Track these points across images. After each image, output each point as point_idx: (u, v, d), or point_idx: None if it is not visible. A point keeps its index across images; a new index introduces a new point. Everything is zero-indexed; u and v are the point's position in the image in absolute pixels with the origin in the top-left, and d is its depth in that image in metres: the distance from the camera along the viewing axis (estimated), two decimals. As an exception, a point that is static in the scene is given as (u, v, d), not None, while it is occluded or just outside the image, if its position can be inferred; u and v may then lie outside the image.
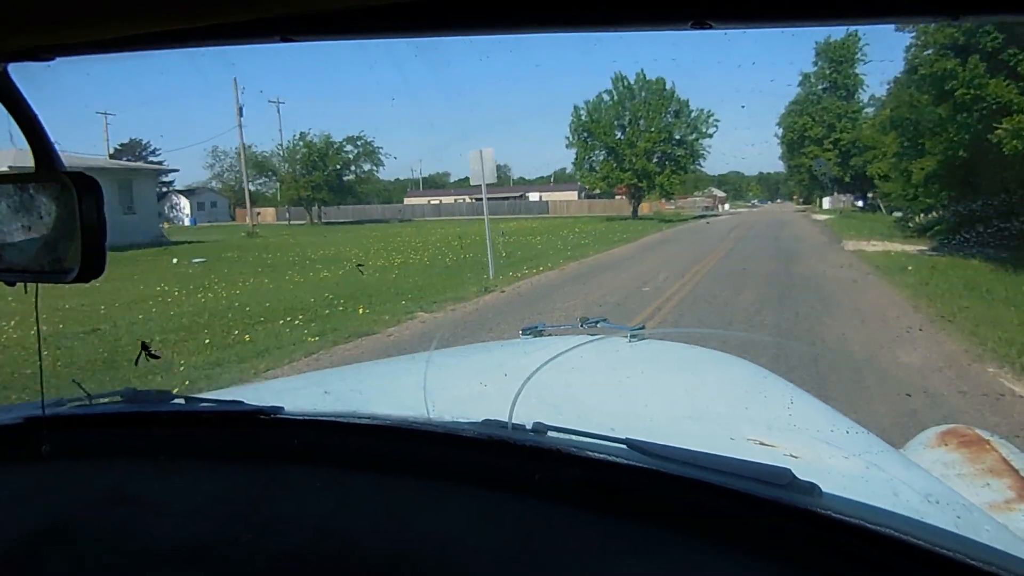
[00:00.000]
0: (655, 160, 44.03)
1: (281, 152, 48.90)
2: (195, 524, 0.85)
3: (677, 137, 44.64)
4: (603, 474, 0.86)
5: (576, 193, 49.62)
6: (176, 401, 1.19)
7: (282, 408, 1.08)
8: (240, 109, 41.64)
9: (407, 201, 69.27)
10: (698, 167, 45.73)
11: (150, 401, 1.19)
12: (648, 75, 43.11)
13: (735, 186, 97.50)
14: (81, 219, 0.69)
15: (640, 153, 43.47)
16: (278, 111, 54.67)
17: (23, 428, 1.08)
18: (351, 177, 49.86)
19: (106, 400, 1.21)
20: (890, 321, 8.55)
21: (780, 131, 54.95)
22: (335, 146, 49.18)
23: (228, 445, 1.08)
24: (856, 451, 1.27)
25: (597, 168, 45.42)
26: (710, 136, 44.66)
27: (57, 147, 0.72)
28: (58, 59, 0.62)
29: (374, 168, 50.63)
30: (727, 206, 73.61)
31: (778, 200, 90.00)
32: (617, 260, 17.04)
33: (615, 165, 44.40)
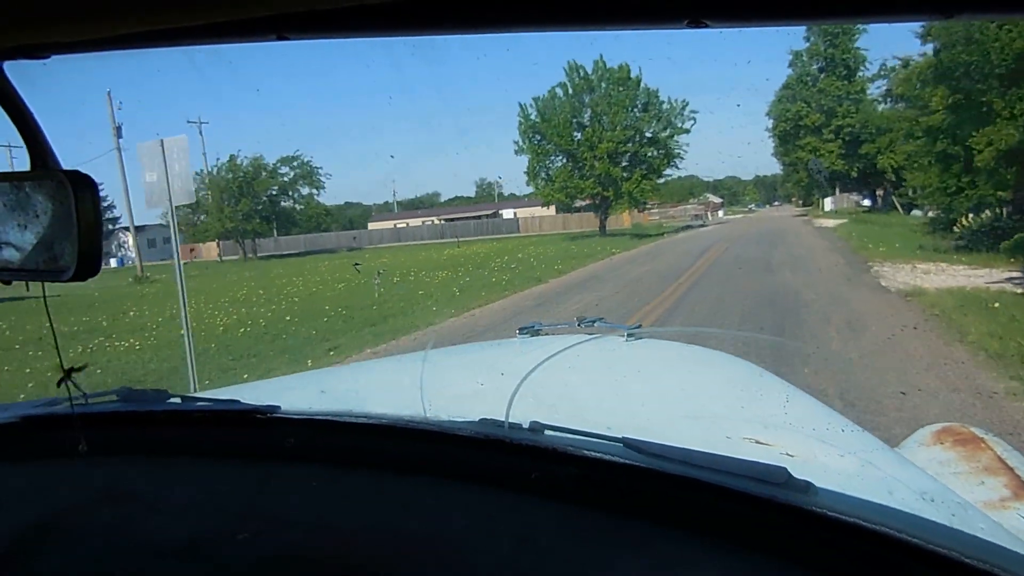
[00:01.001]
0: (624, 163, 36.13)
1: (203, 179, 42.00)
2: (191, 522, 0.85)
3: (648, 135, 36.42)
4: (600, 473, 0.86)
5: (555, 208, 41.55)
6: (172, 400, 1.19)
7: (278, 407, 1.08)
8: (118, 129, 32.23)
9: (372, 226, 63.04)
10: (675, 168, 37.70)
11: (146, 400, 1.19)
12: (640, 74, 35.39)
13: (731, 191, 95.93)
14: (77, 217, 0.69)
15: (602, 156, 35.30)
16: (200, 132, 45.45)
17: (20, 427, 1.08)
18: (288, 204, 44.80)
19: (102, 399, 1.21)
20: None
21: (771, 122, 46.41)
22: (268, 169, 43.52)
23: (224, 444, 1.08)
24: (851, 449, 1.28)
25: (553, 177, 37.29)
26: (687, 131, 35.95)
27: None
28: (53, 57, 0.62)
29: (314, 192, 45.30)
30: (721, 213, 66.54)
31: (775, 203, 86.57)
32: (492, 323, 10.56)
33: (573, 172, 36.58)
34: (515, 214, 55.14)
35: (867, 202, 43.50)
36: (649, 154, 36.54)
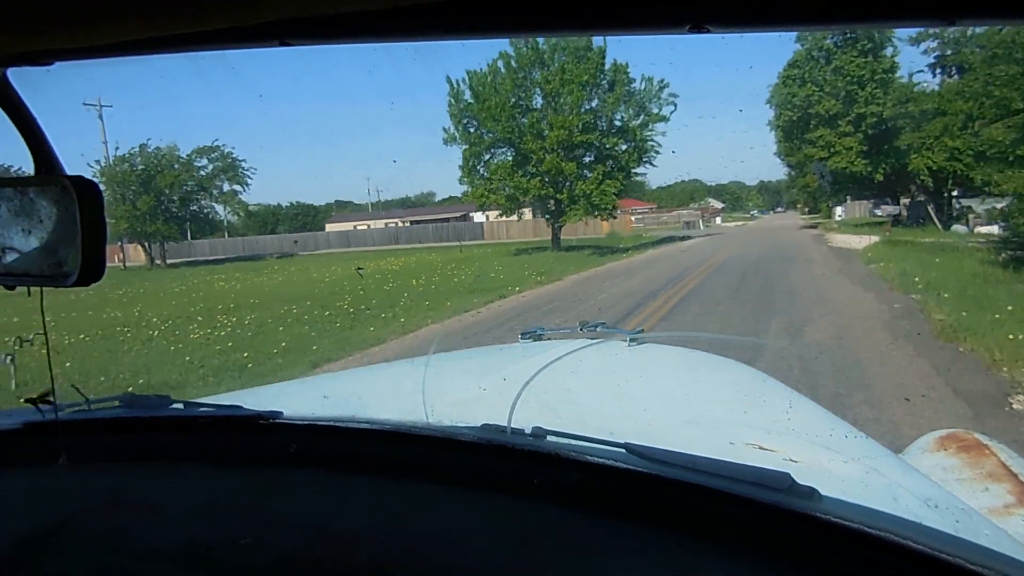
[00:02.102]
0: (586, 158, 27.17)
1: (99, 172, 34.01)
2: (194, 527, 0.85)
3: (618, 122, 27.01)
4: (602, 478, 0.86)
5: (531, 211, 31.55)
6: (175, 406, 1.19)
7: (281, 412, 1.08)
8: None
9: (329, 227, 56.55)
10: (649, 165, 28.46)
11: (149, 406, 1.19)
12: (604, 45, 25.57)
13: (734, 196, 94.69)
14: (81, 223, 0.69)
15: (553, 147, 25.81)
16: (100, 116, 36.97)
17: (23, 433, 1.08)
18: (206, 201, 37.60)
19: (105, 405, 1.21)
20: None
21: (773, 112, 34.91)
22: (182, 160, 36.05)
23: (227, 449, 1.08)
24: (855, 455, 1.27)
25: (490, 174, 27.47)
26: (664, 119, 26.71)
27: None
28: (57, 64, 0.62)
29: (237, 189, 37.64)
30: (718, 220, 59.43)
31: (778, 209, 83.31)
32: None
33: (516, 168, 26.79)
34: (488, 217, 44.72)
35: (885, 211, 32.70)
36: (615, 147, 26.95)
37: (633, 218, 48.39)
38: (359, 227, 53.80)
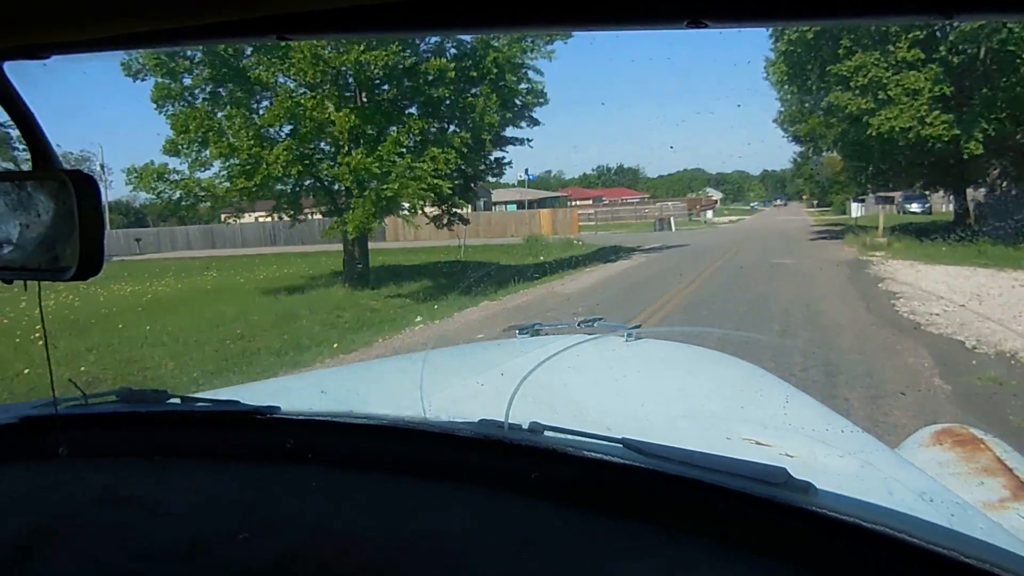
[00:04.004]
0: (385, 107, 14.09)
1: None
2: (191, 523, 0.85)
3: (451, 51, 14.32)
4: (600, 474, 0.86)
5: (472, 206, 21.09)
6: (172, 401, 1.19)
7: (278, 408, 1.08)
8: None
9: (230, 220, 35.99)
10: (526, 129, 15.77)
11: (146, 401, 1.19)
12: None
13: (736, 186, 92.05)
14: (79, 217, 0.69)
15: (323, 78, 13.54)
16: None
17: (18, 428, 1.08)
18: None
19: (101, 400, 1.21)
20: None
21: (774, 46, 19.86)
22: None
23: (224, 445, 1.08)
24: (851, 450, 1.28)
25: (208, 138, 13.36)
26: (519, 91, 14.95)
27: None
28: (54, 57, 0.62)
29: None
30: (709, 214, 47.13)
31: (777, 201, 75.11)
32: None
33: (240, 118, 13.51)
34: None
35: (913, 207, 22.58)
36: (466, 93, 14.47)
37: (580, 212, 38.93)
38: (229, 221, 35.30)
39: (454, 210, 16.21)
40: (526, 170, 43.56)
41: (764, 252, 18.75)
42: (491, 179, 19.71)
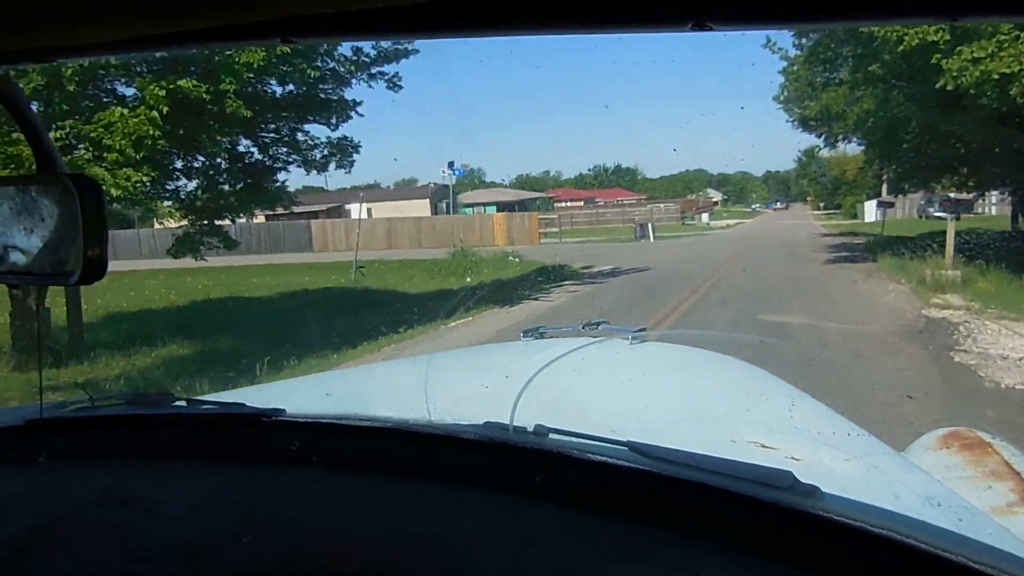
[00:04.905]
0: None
1: None
2: (195, 525, 0.85)
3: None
4: (604, 476, 0.86)
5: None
6: (177, 403, 1.20)
7: (283, 410, 1.08)
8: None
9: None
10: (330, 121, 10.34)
11: (151, 403, 1.19)
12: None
13: (739, 187, 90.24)
14: (83, 221, 0.69)
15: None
16: None
17: (23, 430, 1.08)
18: None
19: (107, 402, 1.21)
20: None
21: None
22: None
23: (229, 447, 1.08)
24: (857, 453, 1.27)
25: None
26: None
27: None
28: (59, 61, 0.62)
29: None
30: (705, 217, 42.64)
31: (779, 204, 73.70)
32: None
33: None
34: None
35: (937, 210, 18.92)
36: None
37: (557, 215, 32.94)
38: (169, 225, 15.97)
39: (205, 223, 10.17)
40: (450, 163, 32.77)
41: (756, 288, 11.88)
42: (324, 173, 13.30)
